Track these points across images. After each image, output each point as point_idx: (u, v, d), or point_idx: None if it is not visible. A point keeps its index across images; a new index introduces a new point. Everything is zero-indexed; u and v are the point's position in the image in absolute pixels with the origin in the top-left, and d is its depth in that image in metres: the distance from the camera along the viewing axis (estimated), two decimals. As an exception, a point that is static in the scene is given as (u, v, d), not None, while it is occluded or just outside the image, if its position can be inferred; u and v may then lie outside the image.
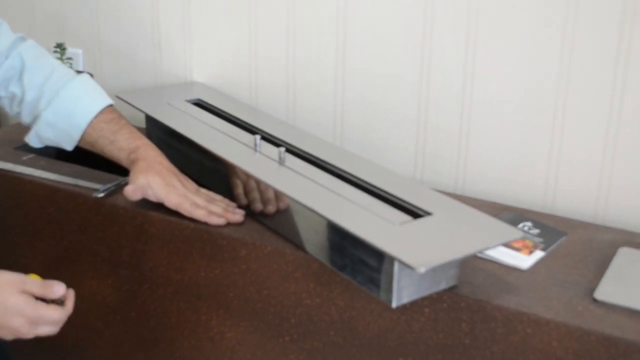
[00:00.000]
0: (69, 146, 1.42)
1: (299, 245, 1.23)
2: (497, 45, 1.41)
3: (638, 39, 1.29)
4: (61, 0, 1.88)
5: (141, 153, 1.35)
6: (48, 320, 1.13)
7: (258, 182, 1.28)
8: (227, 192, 1.38)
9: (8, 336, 1.13)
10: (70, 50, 1.85)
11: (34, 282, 1.14)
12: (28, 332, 1.13)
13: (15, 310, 1.11)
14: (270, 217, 1.29)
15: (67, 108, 1.40)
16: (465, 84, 1.45)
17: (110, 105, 1.43)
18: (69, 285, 1.42)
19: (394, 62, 1.51)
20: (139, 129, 1.66)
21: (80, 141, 1.41)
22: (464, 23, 1.42)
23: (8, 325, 1.11)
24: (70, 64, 1.78)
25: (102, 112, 1.40)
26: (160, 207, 1.35)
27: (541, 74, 1.38)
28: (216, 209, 1.31)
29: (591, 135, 1.36)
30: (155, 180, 1.31)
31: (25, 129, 1.46)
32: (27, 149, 1.60)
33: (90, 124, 1.39)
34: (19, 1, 1.95)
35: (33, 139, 1.44)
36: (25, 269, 1.18)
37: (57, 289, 1.15)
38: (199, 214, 1.30)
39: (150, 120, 1.59)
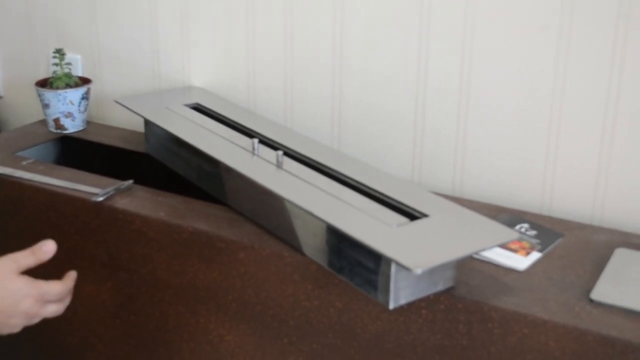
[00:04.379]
0: None
1: (297, 248, 1.24)
2: (493, 48, 1.41)
3: (633, 43, 1.30)
4: (60, 6, 1.89)
5: None
6: (54, 294, 1.14)
7: (256, 185, 1.29)
8: (226, 195, 1.38)
9: (18, 324, 1.12)
10: (69, 56, 1.85)
11: (22, 255, 1.14)
12: (37, 312, 1.13)
13: (20, 294, 1.11)
14: (268, 220, 1.29)
15: None
16: (462, 88, 1.46)
17: None
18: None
19: (391, 66, 1.52)
20: (138, 133, 1.67)
21: None
22: (460, 27, 1.43)
23: (18, 311, 1.11)
24: (70, 69, 1.79)
25: None
26: (158, 210, 1.36)
27: (537, 77, 1.39)
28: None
29: (587, 137, 1.37)
30: None
31: (26, 134, 1.47)
32: (27, 154, 1.62)
33: None
34: (18, 7, 1.96)
35: None
36: (25, 273, 1.18)
37: (47, 247, 1.17)
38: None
39: (149, 124, 1.59)
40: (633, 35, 1.29)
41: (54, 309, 1.16)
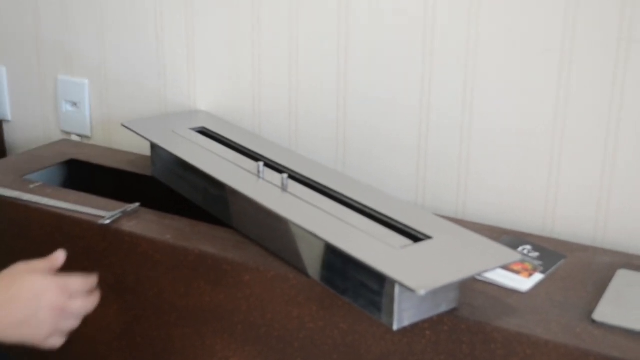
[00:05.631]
0: None
1: (302, 270, 1.25)
2: (495, 72, 1.43)
3: (634, 66, 1.31)
4: (67, 30, 1.91)
5: None
6: (77, 285, 1.13)
7: (261, 208, 1.30)
8: (231, 218, 1.40)
9: (48, 323, 1.09)
10: (76, 80, 1.87)
11: (35, 261, 1.13)
12: (64, 305, 1.10)
13: (40, 287, 1.09)
14: (274, 243, 1.31)
15: None
16: (465, 111, 1.47)
17: None
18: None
19: (394, 89, 1.54)
20: (145, 157, 1.69)
21: None
22: (462, 50, 1.45)
23: (42, 305, 1.08)
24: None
25: None
26: (165, 233, 1.37)
27: (539, 99, 1.40)
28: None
29: (589, 159, 1.38)
30: None
31: (34, 158, 1.48)
32: (34, 177, 1.63)
33: None
34: (25, 32, 1.98)
35: None
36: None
37: (59, 256, 1.16)
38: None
39: (155, 148, 1.61)
40: (634, 57, 1.31)
41: (80, 304, 1.13)
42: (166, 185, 1.59)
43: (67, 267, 1.48)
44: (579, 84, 1.36)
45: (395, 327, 1.11)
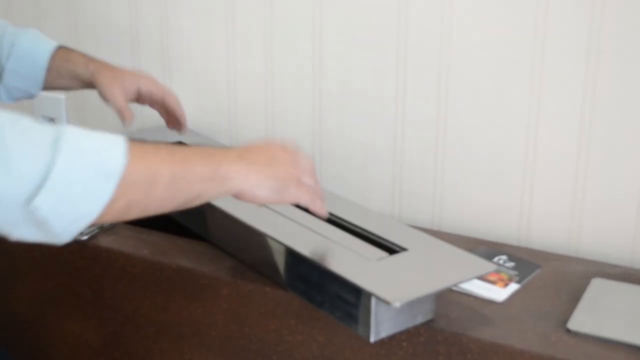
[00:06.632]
0: (35, 90, 1.53)
1: (279, 283, 1.25)
2: (469, 84, 1.44)
3: (603, 76, 1.32)
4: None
5: (98, 64, 1.51)
6: (304, 163, 1.12)
7: (237, 222, 1.30)
8: (208, 232, 1.40)
9: (281, 171, 1.08)
10: (52, 96, 1.87)
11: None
12: (294, 166, 1.10)
13: (273, 144, 1.12)
14: (251, 256, 1.31)
15: (26, 55, 1.50)
16: (439, 122, 1.48)
17: (62, 46, 1.53)
18: (52, 328, 1.43)
19: (370, 102, 1.54)
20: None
21: (45, 82, 1.52)
22: (436, 63, 1.46)
23: (276, 159, 1.08)
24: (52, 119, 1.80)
25: (57, 51, 1.51)
26: (142, 248, 1.37)
27: (511, 111, 1.41)
28: None
29: (562, 169, 1.39)
30: (127, 78, 1.52)
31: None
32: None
33: (51, 60, 1.50)
34: None
35: (2, 94, 1.53)
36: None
37: None
38: (171, 101, 1.55)
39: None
40: (603, 68, 1.32)
41: (309, 161, 1.13)
42: (143, 200, 1.59)
43: (45, 284, 1.48)
44: (550, 95, 1.37)
45: (372, 339, 1.11)
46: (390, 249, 1.19)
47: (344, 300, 1.14)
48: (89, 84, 1.51)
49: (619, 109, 1.33)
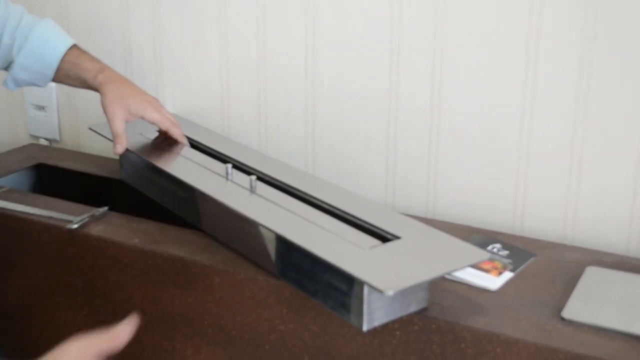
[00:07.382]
0: (42, 84, 1.56)
1: (271, 272, 1.24)
2: (463, 71, 1.43)
3: (598, 64, 1.32)
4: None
5: (108, 75, 1.50)
6: None
7: (230, 211, 1.29)
8: (200, 220, 1.39)
9: None
10: (43, 84, 1.86)
11: (94, 339, 1.05)
12: None
13: None
14: (243, 245, 1.30)
15: (37, 52, 1.51)
16: (433, 110, 1.47)
17: (74, 45, 1.54)
18: (42, 317, 1.42)
19: (363, 89, 1.53)
20: (114, 160, 1.68)
21: (53, 79, 1.55)
22: (429, 50, 1.45)
23: None
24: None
25: (69, 50, 1.52)
26: (133, 237, 1.36)
27: (506, 98, 1.40)
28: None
29: (556, 156, 1.39)
30: (133, 101, 1.48)
31: (0, 162, 1.47)
32: (1, 182, 1.61)
33: (62, 61, 1.51)
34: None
35: (10, 84, 1.56)
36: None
37: (122, 334, 1.06)
38: (176, 132, 1.52)
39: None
40: (598, 55, 1.31)
41: None
42: (135, 189, 1.58)
43: (35, 273, 1.47)
44: (545, 82, 1.37)
45: (365, 328, 1.10)
46: (383, 237, 1.18)
47: (337, 288, 1.13)
48: (96, 91, 1.50)
49: (614, 96, 1.32)
